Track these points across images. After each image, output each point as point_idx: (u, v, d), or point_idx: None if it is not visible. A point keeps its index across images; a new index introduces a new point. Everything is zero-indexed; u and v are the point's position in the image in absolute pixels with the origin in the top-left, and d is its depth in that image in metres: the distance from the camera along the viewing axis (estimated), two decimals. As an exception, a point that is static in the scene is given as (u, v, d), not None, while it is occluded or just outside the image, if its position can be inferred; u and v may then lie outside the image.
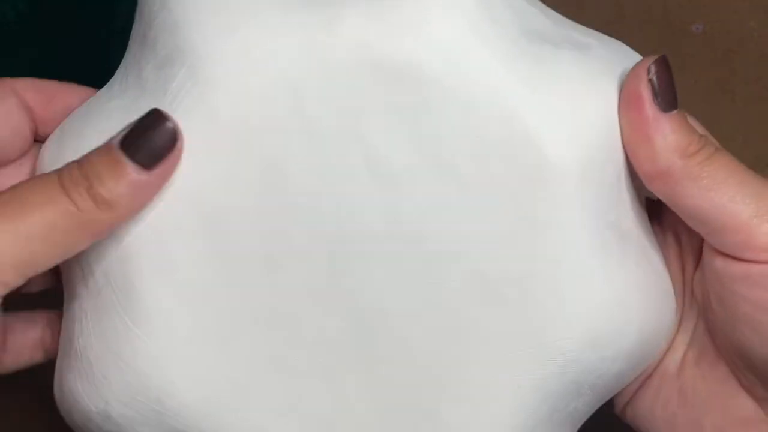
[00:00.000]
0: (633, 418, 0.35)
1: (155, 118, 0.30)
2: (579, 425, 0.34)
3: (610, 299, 0.31)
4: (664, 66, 0.31)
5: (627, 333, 0.32)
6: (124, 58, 0.35)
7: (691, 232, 0.33)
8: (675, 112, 0.30)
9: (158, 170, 0.30)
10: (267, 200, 0.31)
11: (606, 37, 0.34)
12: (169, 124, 0.30)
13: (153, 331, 0.31)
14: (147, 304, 0.31)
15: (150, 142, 0.30)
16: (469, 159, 0.30)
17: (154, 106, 0.31)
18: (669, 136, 0.30)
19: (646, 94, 0.30)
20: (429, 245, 0.31)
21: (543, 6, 0.34)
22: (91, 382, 0.32)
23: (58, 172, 0.30)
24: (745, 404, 0.33)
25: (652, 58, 0.31)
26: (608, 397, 0.34)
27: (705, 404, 0.33)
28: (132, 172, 0.29)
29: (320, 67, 0.30)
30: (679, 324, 0.35)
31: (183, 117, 0.31)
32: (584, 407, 0.33)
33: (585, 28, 0.34)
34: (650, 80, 0.30)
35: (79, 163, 0.30)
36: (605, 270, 0.31)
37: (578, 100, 0.31)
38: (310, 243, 0.31)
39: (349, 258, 0.31)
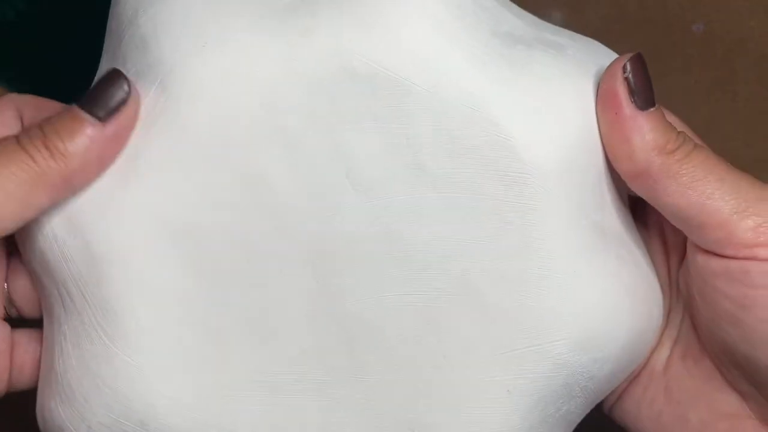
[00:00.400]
0: (621, 418, 0.35)
1: (112, 75, 0.31)
2: (573, 426, 0.34)
3: (598, 300, 0.31)
4: (639, 63, 0.30)
5: (617, 334, 0.32)
6: (96, 74, 0.34)
7: (675, 228, 0.33)
8: (652, 109, 0.30)
9: (112, 124, 0.30)
10: (245, 215, 0.31)
11: (579, 36, 0.33)
12: (124, 82, 0.31)
13: (133, 351, 0.31)
14: (125, 323, 0.31)
15: (105, 96, 0.30)
16: (447, 162, 0.30)
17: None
18: (647, 134, 0.30)
19: (622, 92, 0.30)
20: (413, 250, 0.31)
21: (515, 7, 0.33)
22: (72, 406, 0.32)
23: (18, 132, 0.31)
24: (729, 399, 0.33)
25: (627, 56, 0.31)
26: (601, 398, 0.34)
27: (690, 400, 0.33)
28: (87, 124, 0.30)
29: (295, 78, 0.30)
30: (666, 320, 0.35)
31: (156, 134, 0.31)
32: (577, 409, 0.33)
33: (558, 28, 0.33)
34: (626, 78, 0.30)
35: (39, 123, 0.31)
36: (592, 271, 0.31)
37: (554, 100, 0.30)
38: (291, 256, 0.31)
39: (333, 268, 0.31)
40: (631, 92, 0.30)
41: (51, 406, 0.32)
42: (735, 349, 0.31)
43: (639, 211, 0.35)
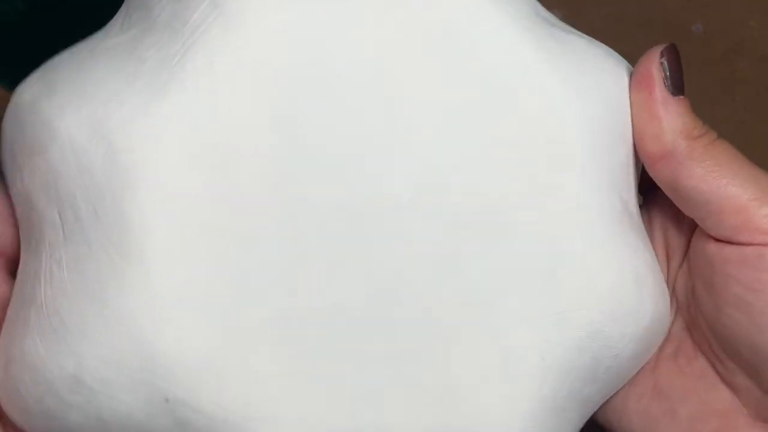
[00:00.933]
0: (605, 412, 0.35)
1: None
2: (587, 416, 0.33)
3: (630, 273, 0.31)
4: (674, 52, 0.32)
5: (644, 310, 0.31)
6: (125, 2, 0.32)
7: (679, 227, 0.34)
8: (682, 97, 0.32)
9: None
10: (282, 149, 0.28)
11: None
12: None
13: (149, 274, 0.27)
14: (144, 242, 0.27)
15: None
16: (492, 120, 0.30)
17: (167, 39, 0.28)
18: (676, 118, 0.31)
19: (657, 75, 0.31)
20: (451, 198, 0.30)
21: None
22: (60, 340, 0.28)
23: None
24: (722, 396, 0.33)
25: (663, 45, 0.32)
26: (617, 387, 0.34)
27: (681, 396, 0.34)
28: None
29: (361, 34, 0.29)
30: None
31: (201, 50, 0.28)
32: (596, 395, 0.32)
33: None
34: (661, 63, 0.32)
35: None
36: (624, 243, 0.31)
37: (595, 75, 0.31)
38: (326, 204, 0.29)
39: (368, 212, 0.29)
40: (665, 77, 0.31)
41: (25, 346, 0.28)
42: (740, 336, 0.31)
43: (642, 216, 0.35)
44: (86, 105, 0.28)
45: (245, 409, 0.28)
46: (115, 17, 0.32)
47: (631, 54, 0.56)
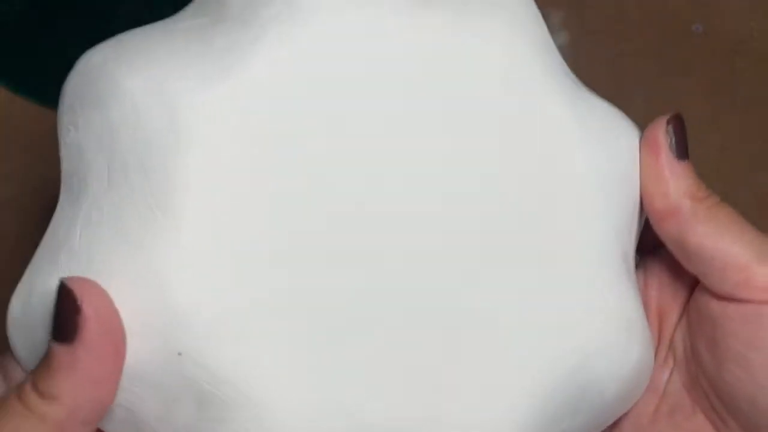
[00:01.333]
0: None
1: (59, 290, 0.28)
2: None
3: (622, 315, 0.32)
4: (679, 120, 0.34)
5: (631, 352, 0.32)
6: None
7: (676, 286, 0.36)
8: (686, 161, 0.34)
9: (79, 343, 0.28)
10: (325, 146, 0.30)
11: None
12: (70, 289, 0.28)
13: (181, 226, 0.28)
14: (182, 195, 0.28)
15: (57, 314, 0.28)
16: (516, 155, 0.31)
17: (237, 29, 0.30)
18: (681, 180, 0.33)
19: (663, 140, 0.34)
20: (468, 214, 0.31)
21: None
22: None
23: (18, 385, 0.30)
24: None
25: (669, 114, 0.35)
26: (597, 431, 0.34)
27: None
28: (56, 353, 0.28)
29: (415, 48, 0.31)
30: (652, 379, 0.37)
31: (268, 43, 0.29)
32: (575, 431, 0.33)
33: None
34: (667, 130, 0.34)
35: (32, 370, 0.29)
36: (620, 287, 0.33)
37: (614, 134, 0.34)
38: (355, 190, 0.30)
39: (390, 216, 0.30)
40: (671, 142, 0.34)
41: (49, 283, 0.29)
42: (741, 392, 0.33)
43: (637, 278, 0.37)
44: (154, 70, 0.30)
45: (249, 372, 0.28)
46: (186, 8, 0.33)
47: (631, 54, 0.56)
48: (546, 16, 0.34)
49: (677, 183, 0.33)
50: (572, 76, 0.35)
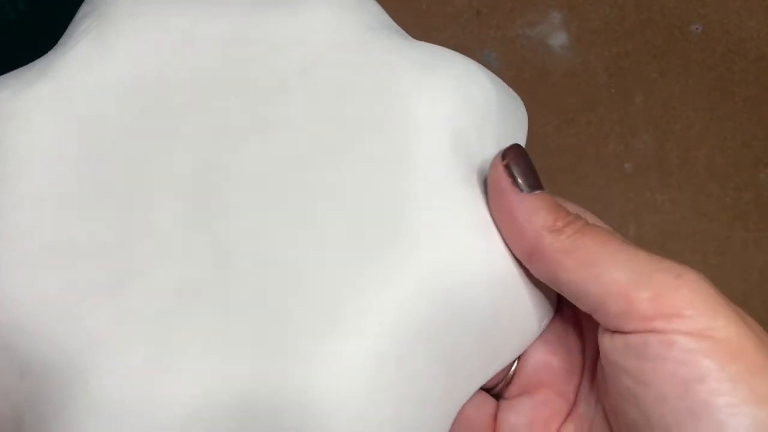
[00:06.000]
0: None
1: None
2: (468, 375, 0.32)
3: (474, 216, 0.31)
4: (517, 151, 0.32)
5: (494, 253, 0.31)
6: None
7: (590, 322, 0.32)
8: (538, 192, 0.31)
9: None
10: (141, 127, 0.32)
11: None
12: None
13: (7, 217, 0.30)
14: (11, 183, 0.31)
15: None
16: (336, 99, 0.32)
17: (56, 51, 0.35)
18: (534, 213, 0.31)
19: (504, 179, 0.31)
20: (294, 165, 0.31)
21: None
22: None
23: None
24: None
25: (506, 147, 0.32)
26: (491, 363, 0.32)
27: None
28: None
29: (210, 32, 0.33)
30: (577, 411, 0.34)
31: (76, 44, 0.33)
32: (460, 348, 0.31)
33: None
34: (506, 166, 0.31)
35: None
36: (468, 192, 0.32)
37: (456, 75, 0.33)
38: (180, 150, 0.32)
39: (216, 166, 0.31)
40: (514, 177, 0.31)
41: None
42: (636, 430, 0.30)
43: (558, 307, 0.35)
44: None
45: (77, 355, 0.29)
46: None
47: (630, 54, 0.56)
48: (546, 16, 0.34)
49: (530, 219, 0.30)
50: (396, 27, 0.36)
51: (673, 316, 0.28)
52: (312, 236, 0.30)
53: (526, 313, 0.32)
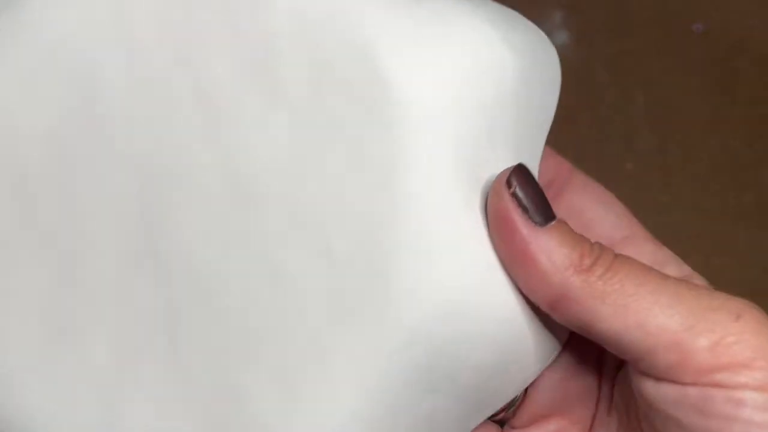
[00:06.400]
0: None
1: None
2: None
3: (478, 254, 0.26)
4: (523, 174, 0.26)
5: (488, 312, 0.26)
6: None
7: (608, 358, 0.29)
8: (554, 222, 0.25)
9: None
10: (72, 119, 0.27)
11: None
12: None
13: None
14: None
15: None
16: (308, 90, 0.26)
17: None
18: (556, 252, 0.25)
19: (514, 211, 0.25)
20: (257, 185, 0.26)
21: None
22: None
23: None
24: None
25: (508, 170, 0.26)
26: (482, 412, 0.28)
27: None
28: None
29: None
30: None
31: None
32: (446, 412, 0.27)
33: None
34: (513, 194, 0.25)
35: None
36: (464, 232, 0.26)
37: (446, 39, 0.27)
38: (116, 174, 0.27)
39: (162, 195, 0.27)
40: (525, 208, 0.25)
41: None
42: None
43: None
44: None
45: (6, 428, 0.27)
46: None
47: (631, 53, 0.56)
48: (546, 16, 0.34)
49: (552, 259, 0.25)
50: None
51: (739, 368, 0.24)
52: (277, 290, 0.26)
53: (532, 352, 0.28)
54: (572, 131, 0.54)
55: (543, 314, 0.27)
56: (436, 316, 0.25)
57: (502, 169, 0.26)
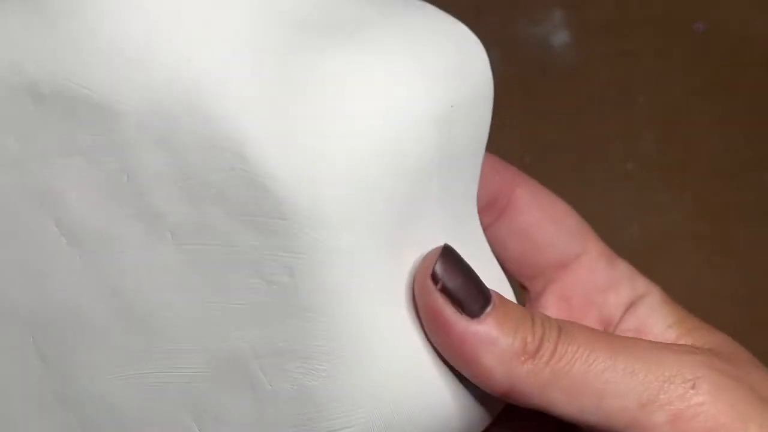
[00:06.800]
0: None
1: None
2: None
3: (399, 374, 0.23)
4: (449, 261, 0.24)
5: (426, 418, 0.24)
6: None
7: None
8: (490, 308, 0.24)
9: None
10: None
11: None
12: None
13: None
14: None
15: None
16: (183, 206, 0.23)
17: None
18: (496, 344, 0.23)
19: (445, 307, 0.23)
20: (156, 321, 0.24)
21: None
22: None
23: None
24: None
25: (432, 258, 0.24)
26: None
27: None
28: None
29: None
30: None
31: None
32: None
33: None
34: (442, 289, 0.23)
35: None
36: (389, 337, 0.23)
37: (329, 108, 0.22)
38: (7, 333, 0.25)
39: (59, 343, 0.25)
40: (457, 302, 0.23)
41: None
42: None
43: None
44: None
45: None
46: None
47: (632, 53, 0.56)
48: (548, 14, 0.34)
49: (493, 353, 0.23)
50: (288, 14, 0.23)
51: None
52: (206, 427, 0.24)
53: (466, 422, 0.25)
54: (572, 131, 0.54)
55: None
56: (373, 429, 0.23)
57: (429, 247, 0.24)
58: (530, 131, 0.52)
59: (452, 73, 0.24)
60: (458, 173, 0.25)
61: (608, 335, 0.25)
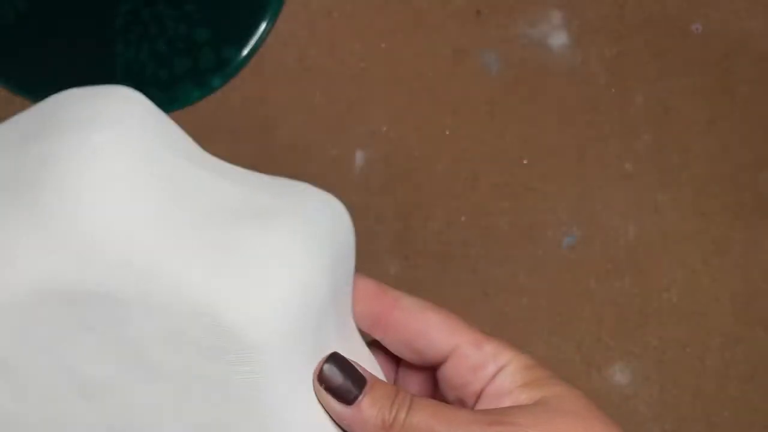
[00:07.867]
0: None
1: None
2: None
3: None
4: (334, 362, 0.33)
5: None
6: None
7: None
8: (361, 396, 0.32)
9: None
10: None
11: (286, 185, 0.34)
12: None
13: None
14: None
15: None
16: (173, 357, 0.31)
17: None
18: (367, 422, 0.32)
19: (328, 400, 0.32)
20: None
21: (220, 165, 0.34)
22: None
23: None
24: None
25: (322, 360, 0.33)
26: None
27: None
28: None
29: (5, 302, 0.30)
30: None
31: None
32: None
33: (264, 177, 0.34)
34: (326, 388, 0.33)
35: None
36: (307, 416, 0.32)
37: (267, 277, 0.31)
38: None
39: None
40: (336, 395, 0.32)
41: None
42: None
43: None
44: None
45: None
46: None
47: (630, 54, 0.56)
48: (546, 16, 0.34)
49: (364, 429, 0.32)
50: (209, 205, 0.32)
51: None
52: None
53: None
54: (572, 131, 0.54)
55: None
56: None
57: (329, 350, 0.33)
58: (529, 132, 0.52)
59: (333, 235, 0.33)
60: (342, 297, 0.34)
61: (446, 407, 0.32)
